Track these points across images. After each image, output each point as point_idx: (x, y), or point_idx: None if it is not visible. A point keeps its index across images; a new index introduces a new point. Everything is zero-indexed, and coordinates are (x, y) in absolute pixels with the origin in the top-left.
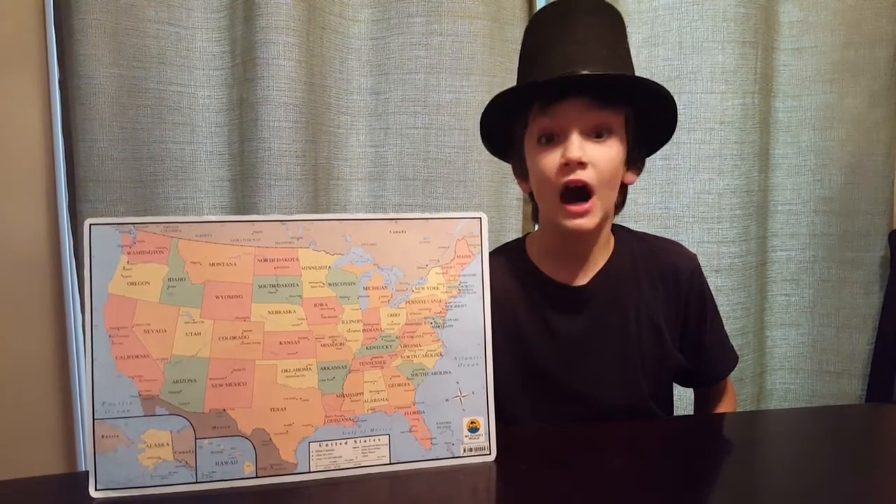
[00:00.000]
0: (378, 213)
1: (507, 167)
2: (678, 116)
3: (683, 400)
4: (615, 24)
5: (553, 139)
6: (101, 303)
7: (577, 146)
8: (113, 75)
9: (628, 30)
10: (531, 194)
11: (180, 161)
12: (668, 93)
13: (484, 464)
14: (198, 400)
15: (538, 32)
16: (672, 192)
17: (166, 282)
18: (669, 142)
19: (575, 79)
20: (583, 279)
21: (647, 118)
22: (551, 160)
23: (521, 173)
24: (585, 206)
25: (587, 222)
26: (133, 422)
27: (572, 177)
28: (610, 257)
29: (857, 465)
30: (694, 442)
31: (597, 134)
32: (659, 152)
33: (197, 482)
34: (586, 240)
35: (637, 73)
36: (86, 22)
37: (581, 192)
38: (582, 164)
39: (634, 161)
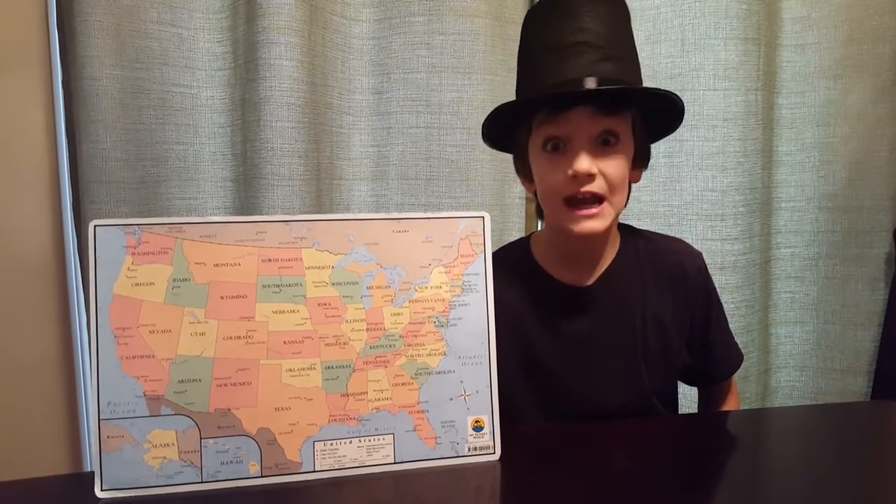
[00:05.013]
0: (381, 213)
1: (509, 166)
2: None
3: (687, 398)
4: (618, 12)
5: (559, 147)
6: (107, 303)
7: (586, 158)
8: (116, 76)
9: None
10: (535, 193)
11: (183, 162)
12: (677, 97)
13: (488, 463)
14: (203, 400)
15: (538, 25)
16: (675, 190)
17: (171, 282)
18: (672, 139)
19: (582, 92)
20: (588, 279)
21: (654, 116)
22: (558, 170)
23: (525, 174)
24: (594, 209)
25: (597, 224)
26: (138, 422)
27: (582, 189)
28: (615, 257)
29: (862, 462)
30: (699, 440)
31: (604, 140)
32: (662, 149)
33: (202, 482)
34: (594, 242)
35: (640, 70)
36: (88, 23)
37: (590, 198)
38: (591, 176)
39: (640, 160)
